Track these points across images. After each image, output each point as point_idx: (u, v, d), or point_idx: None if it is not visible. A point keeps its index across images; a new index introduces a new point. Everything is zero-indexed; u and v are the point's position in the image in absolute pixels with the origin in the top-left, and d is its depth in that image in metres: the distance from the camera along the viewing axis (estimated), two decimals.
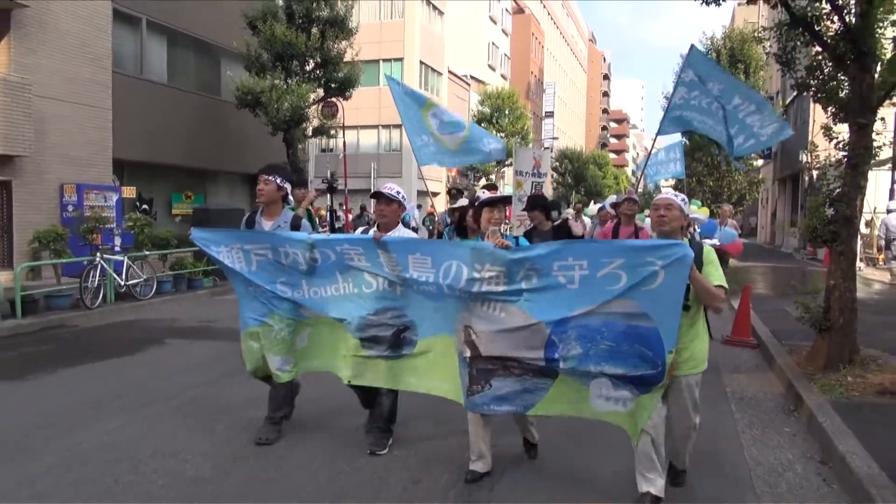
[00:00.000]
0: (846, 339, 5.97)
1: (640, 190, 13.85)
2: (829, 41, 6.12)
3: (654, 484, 3.35)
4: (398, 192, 4.21)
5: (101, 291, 10.37)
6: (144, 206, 16.25)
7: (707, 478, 3.95)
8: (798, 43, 6.76)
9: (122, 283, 10.82)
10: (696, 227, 9.26)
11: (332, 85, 17.00)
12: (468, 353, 3.64)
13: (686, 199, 3.56)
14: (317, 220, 6.29)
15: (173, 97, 16.98)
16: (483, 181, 34.34)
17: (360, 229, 4.54)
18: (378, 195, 4.18)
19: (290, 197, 4.71)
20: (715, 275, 3.36)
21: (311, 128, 17.23)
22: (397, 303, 3.97)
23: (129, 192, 14.96)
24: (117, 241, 11.38)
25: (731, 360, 7.26)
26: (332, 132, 17.93)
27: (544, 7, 59.81)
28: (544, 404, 3.59)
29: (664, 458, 3.41)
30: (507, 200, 4.26)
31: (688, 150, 27.91)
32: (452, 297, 3.68)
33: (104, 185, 14.06)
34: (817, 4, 6.28)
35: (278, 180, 4.49)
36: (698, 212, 12.67)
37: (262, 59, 16.35)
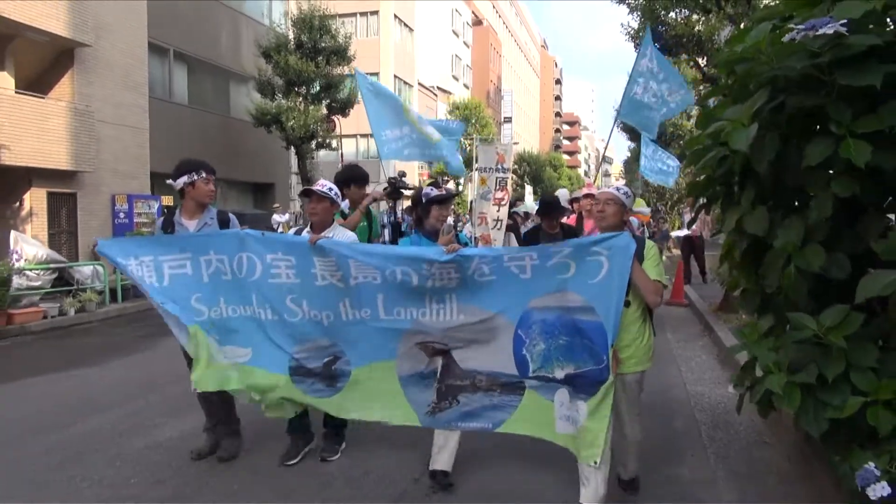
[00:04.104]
0: None
1: (597, 183, 16.59)
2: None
3: (590, 493, 3.26)
4: (330, 189, 3.95)
5: None
6: (165, 211, 18.53)
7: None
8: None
9: None
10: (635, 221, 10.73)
11: (335, 105, 19.64)
12: (440, 364, 3.55)
13: (629, 194, 3.52)
14: (378, 223, 5.43)
15: (192, 116, 19.28)
16: (451, 184, 37.17)
17: (294, 230, 4.39)
18: (309, 192, 3.97)
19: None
20: (654, 270, 3.30)
21: (315, 142, 19.77)
22: (326, 332, 3.71)
23: (168, 200, 17.21)
24: None
25: (669, 313, 10.32)
26: (333, 145, 20.53)
27: (500, 17, 63.12)
28: (512, 422, 3.49)
29: (606, 466, 3.27)
30: (454, 197, 4.00)
31: (635, 155, 31.25)
32: (394, 319, 3.55)
33: (147, 195, 16.35)
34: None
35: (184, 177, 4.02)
36: (637, 206, 15.62)
37: (275, 83, 18.86)
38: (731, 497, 3.65)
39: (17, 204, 13.71)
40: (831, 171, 2.65)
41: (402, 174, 5.60)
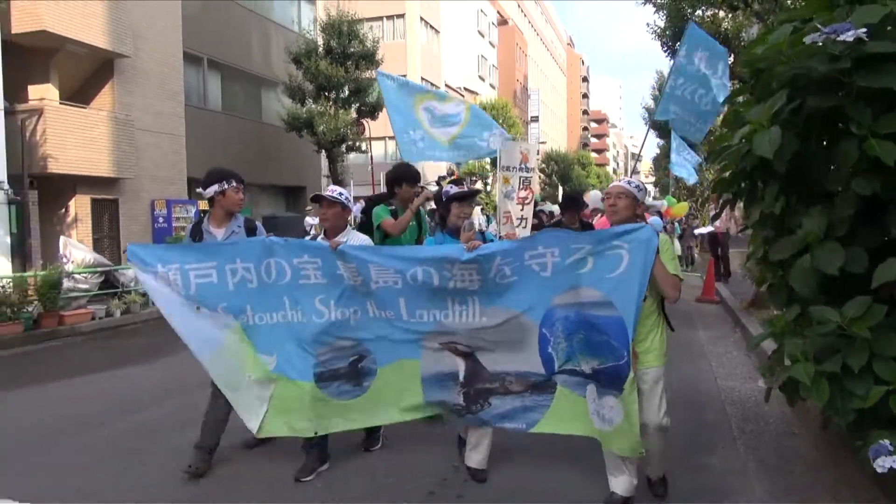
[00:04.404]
0: None
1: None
2: None
3: (622, 483, 3.33)
4: (340, 194, 3.95)
5: None
6: (202, 216, 19.02)
7: (682, 361, 6.96)
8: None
9: None
10: (658, 222, 9.71)
11: (364, 108, 19.99)
12: (463, 368, 3.59)
13: (641, 186, 3.49)
14: (427, 223, 5.46)
15: (226, 122, 19.78)
16: (479, 184, 37.27)
17: (309, 237, 4.37)
18: (319, 198, 3.97)
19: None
20: (670, 264, 3.25)
21: (345, 145, 20.18)
22: (352, 331, 3.75)
23: (204, 204, 17.70)
24: None
25: (700, 310, 10.34)
26: (363, 148, 20.89)
27: (525, 16, 63.06)
28: (548, 422, 3.50)
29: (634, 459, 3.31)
30: (476, 194, 3.98)
31: (664, 152, 30.99)
32: (417, 322, 3.59)
33: (185, 200, 16.85)
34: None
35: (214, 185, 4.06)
36: (677, 207, 15.44)
37: (305, 88, 19.30)
38: (761, 486, 3.74)
39: (63, 210, 14.27)
40: (851, 170, 2.76)
41: (451, 173, 5.53)
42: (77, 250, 10.63)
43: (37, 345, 8.89)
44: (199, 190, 4.23)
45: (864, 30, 2.59)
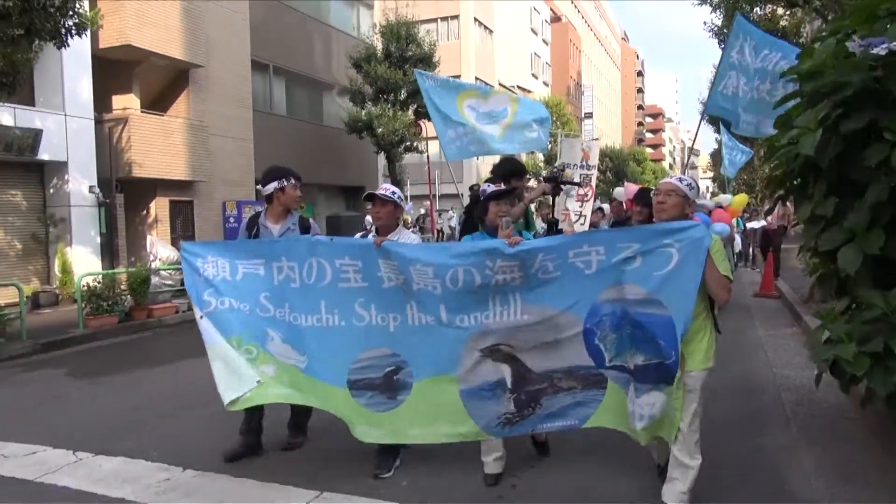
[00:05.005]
0: None
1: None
2: None
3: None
4: (393, 193, 4.01)
5: None
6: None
7: (739, 351, 7.16)
8: None
9: None
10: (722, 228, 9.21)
11: (421, 110, 20.57)
12: (509, 374, 3.49)
13: (693, 185, 3.30)
14: (534, 219, 5.17)
15: (290, 125, 20.69)
16: (576, 178, 37.28)
17: (359, 234, 4.40)
18: (372, 197, 4.00)
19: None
20: (721, 265, 3.06)
21: (403, 146, 20.84)
22: (389, 339, 3.67)
23: None
24: None
25: (759, 305, 10.44)
26: (420, 148, 21.53)
27: (578, 12, 62.66)
28: (600, 416, 3.46)
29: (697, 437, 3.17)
30: (513, 192, 3.99)
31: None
32: (457, 327, 3.50)
33: (253, 201, 17.74)
34: None
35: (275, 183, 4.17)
36: (736, 200, 15.21)
37: (365, 92, 20.03)
38: (811, 461, 4.00)
39: (145, 212, 15.33)
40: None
41: (562, 168, 5.32)
42: (163, 248, 11.49)
43: (130, 335, 9.70)
44: (259, 187, 4.35)
45: None
